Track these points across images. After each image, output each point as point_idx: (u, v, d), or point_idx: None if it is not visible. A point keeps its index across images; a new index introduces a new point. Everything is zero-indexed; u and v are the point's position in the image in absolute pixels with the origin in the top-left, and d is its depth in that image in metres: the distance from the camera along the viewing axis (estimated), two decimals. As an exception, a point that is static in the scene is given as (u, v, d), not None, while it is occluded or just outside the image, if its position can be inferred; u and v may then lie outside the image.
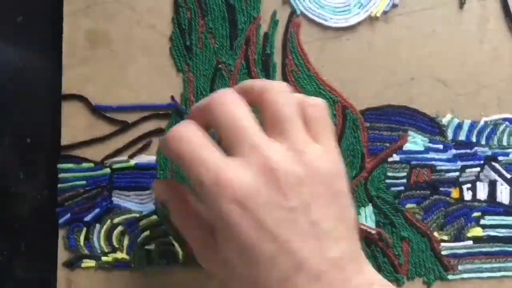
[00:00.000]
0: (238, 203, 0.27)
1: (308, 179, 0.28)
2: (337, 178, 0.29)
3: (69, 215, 0.40)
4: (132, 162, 0.40)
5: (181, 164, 0.29)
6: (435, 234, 0.40)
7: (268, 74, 0.41)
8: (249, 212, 0.27)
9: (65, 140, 0.41)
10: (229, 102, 0.29)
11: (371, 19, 0.41)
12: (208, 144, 0.29)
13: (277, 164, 0.28)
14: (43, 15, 0.42)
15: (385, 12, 0.41)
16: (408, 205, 0.40)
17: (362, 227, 0.40)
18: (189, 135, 0.29)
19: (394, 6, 0.41)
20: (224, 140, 0.29)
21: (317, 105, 0.31)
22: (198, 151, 0.28)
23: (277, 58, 0.41)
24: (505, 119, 0.40)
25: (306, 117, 0.30)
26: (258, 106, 0.30)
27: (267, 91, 0.29)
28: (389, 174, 0.40)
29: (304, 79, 0.41)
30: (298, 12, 0.41)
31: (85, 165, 0.41)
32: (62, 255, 0.40)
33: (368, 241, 0.40)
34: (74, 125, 0.41)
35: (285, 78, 0.41)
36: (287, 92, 0.30)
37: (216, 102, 0.29)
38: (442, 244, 0.40)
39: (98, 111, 0.41)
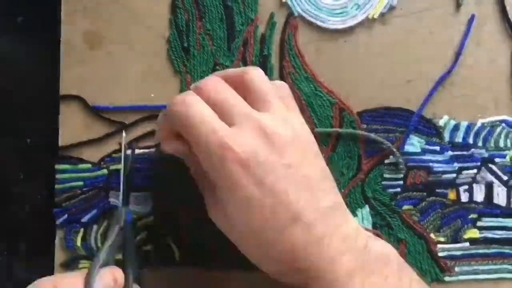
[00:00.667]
0: (241, 164, 0.31)
1: (296, 140, 0.32)
2: (313, 140, 0.34)
3: (66, 216, 0.40)
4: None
5: (187, 126, 0.32)
6: (432, 235, 0.40)
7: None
8: (251, 170, 0.31)
9: (62, 140, 0.41)
10: (217, 87, 0.33)
11: (368, 21, 0.41)
12: (209, 112, 0.32)
13: (270, 128, 0.32)
14: (43, 15, 0.42)
15: (382, 14, 0.41)
16: (405, 207, 0.40)
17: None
18: (194, 102, 0.32)
19: (392, 8, 0.41)
20: (219, 113, 0.32)
21: (284, 85, 0.36)
22: (202, 117, 0.32)
23: (275, 60, 0.41)
24: (502, 121, 0.41)
25: (279, 95, 0.34)
26: (240, 87, 0.33)
27: (247, 73, 0.34)
28: (386, 175, 0.40)
29: (302, 81, 0.41)
30: (296, 14, 0.41)
31: (82, 166, 0.41)
32: (60, 255, 0.40)
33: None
34: (72, 125, 0.41)
35: (282, 80, 0.41)
36: (263, 74, 0.34)
37: (204, 87, 0.33)
38: (439, 245, 0.40)
39: (95, 112, 0.41)
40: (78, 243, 0.40)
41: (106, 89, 0.41)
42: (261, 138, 0.31)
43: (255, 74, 0.34)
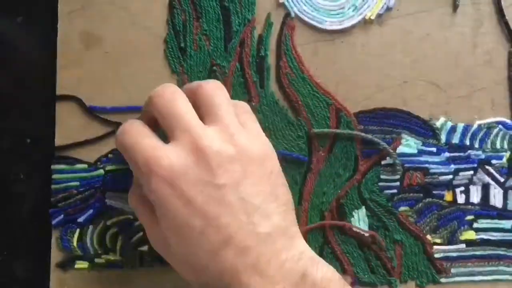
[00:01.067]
0: (168, 182, 0.29)
1: (239, 158, 0.30)
2: (268, 158, 0.32)
3: (62, 216, 0.40)
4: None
5: (125, 154, 0.32)
6: (428, 237, 0.40)
7: (262, 76, 0.41)
8: (178, 190, 0.29)
9: (59, 140, 0.41)
10: (166, 93, 0.32)
11: (365, 22, 0.41)
12: (144, 132, 0.32)
13: (206, 144, 0.30)
14: (42, 15, 0.42)
15: (379, 15, 0.41)
16: (401, 208, 0.40)
17: (355, 229, 0.40)
18: (130, 128, 0.32)
19: (388, 9, 0.41)
20: (164, 128, 0.32)
21: (245, 104, 0.35)
22: (135, 139, 0.31)
23: (271, 60, 0.41)
24: (498, 122, 0.40)
25: (235, 112, 0.33)
26: (195, 100, 0.32)
27: (202, 86, 0.32)
28: (382, 177, 0.40)
29: (298, 81, 0.41)
30: (293, 14, 0.41)
31: (78, 166, 0.41)
32: (55, 256, 0.40)
33: (361, 244, 0.40)
34: (68, 126, 0.41)
35: (279, 80, 0.41)
36: (220, 88, 0.33)
37: (156, 94, 0.32)
38: (435, 247, 0.40)
39: (92, 112, 0.41)
40: (74, 243, 0.40)
41: (102, 89, 0.41)
42: (194, 155, 0.30)
43: (209, 87, 0.32)
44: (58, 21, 0.41)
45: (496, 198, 0.40)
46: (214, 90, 0.32)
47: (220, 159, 0.30)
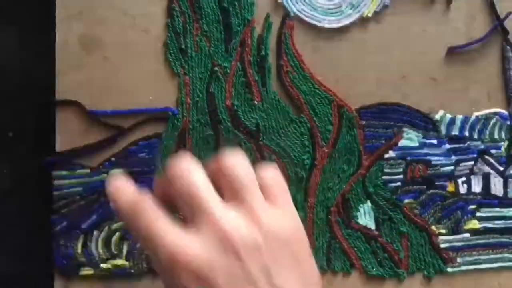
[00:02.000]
0: (196, 276, 0.27)
1: (267, 244, 0.28)
2: (297, 241, 0.29)
3: (65, 222, 0.40)
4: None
5: (138, 237, 0.29)
6: (433, 228, 0.41)
7: (263, 75, 0.41)
8: (208, 283, 0.27)
9: (59, 146, 0.40)
10: (185, 172, 0.29)
11: (362, 20, 0.42)
12: (163, 217, 0.28)
13: (232, 232, 0.27)
14: (40, 21, 0.42)
15: (376, 13, 0.42)
16: (406, 201, 0.41)
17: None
18: (143, 208, 0.29)
19: (385, 6, 0.42)
20: (182, 209, 0.29)
21: (272, 175, 0.31)
22: (153, 225, 0.28)
23: (272, 60, 0.41)
24: (495, 113, 0.42)
25: (262, 184, 0.30)
26: (217, 174, 0.30)
27: (224, 159, 0.30)
28: (386, 170, 0.41)
29: (300, 79, 0.41)
30: (292, 14, 0.42)
31: (80, 171, 0.40)
32: (59, 263, 0.39)
33: (367, 237, 0.40)
34: (69, 131, 0.40)
35: (280, 79, 0.41)
36: (244, 161, 0.30)
37: (174, 173, 0.29)
38: (440, 237, 0.41)
39: (92, 117, 0.40)
40: (79, 250, 0.39)
41: (103, 93, 0.41)
42: (221, 245, 0.27)
43: (232, 161, 0.29)
44: (55, 25, 0.41)
45: (497, 186, 0.41)
46: (240, 165, 0.30)
47: (247, 246, 0.27)
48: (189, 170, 0.29)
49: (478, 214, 0.41)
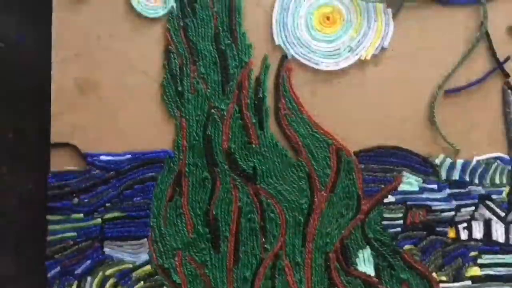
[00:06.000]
0: None
1: None
2: None
3: (59, 268, 0.39)
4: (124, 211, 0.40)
5: None
6: (434, 275, 0.40)
7: (261, 118, 0.41)
8: None
9: (54, 190, 0.39)
10: None
11: (361, 62, 0.41)
12: None
13: None
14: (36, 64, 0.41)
15: (374, 55, 0.41)
16: (406, 247, 0.40)
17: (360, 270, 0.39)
18: None
19: (383, 49, 0.41)
20: None
21: None
22: None
23: (270, 102, 0.41)
24: (496, 158, 0.41)
25: None
26: None
27: None
28: (386, 215, 0.40)
29: (298, 122, 0.41)
30: (289, 56, 0.41)
31: (75, 216, 0.39)
32: (52, 311, 0.39)
33: (367, 284, 0.39)
34: (63, 174, 0.40)
35: (278, 122, 0.41)
36: None
37: None
38: (441, 285, 0.40)
39: (88, 160, 0.40)
40: (72, 296, 0.39)
41: (99, 135, 0.40)
42: None
43: None
44: (51, 68, 0.40)
45: (498, 232, 0.40)
46: None
47: None
48: None
49: (479, 260, 0.40)
